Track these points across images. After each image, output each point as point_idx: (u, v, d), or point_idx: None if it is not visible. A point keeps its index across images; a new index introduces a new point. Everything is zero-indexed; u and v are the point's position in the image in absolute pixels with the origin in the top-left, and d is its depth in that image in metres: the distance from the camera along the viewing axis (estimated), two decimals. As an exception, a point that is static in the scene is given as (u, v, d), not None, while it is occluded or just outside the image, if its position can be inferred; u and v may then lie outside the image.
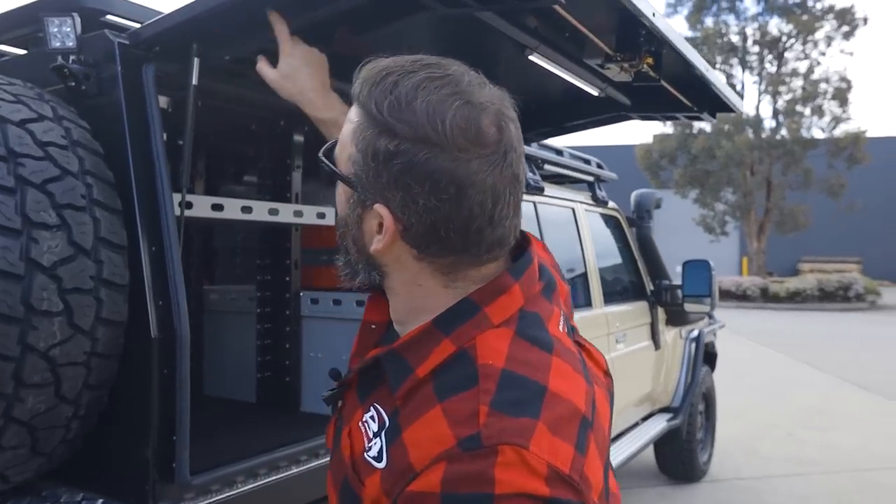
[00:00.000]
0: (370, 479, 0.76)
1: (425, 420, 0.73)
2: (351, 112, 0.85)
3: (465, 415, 0.71)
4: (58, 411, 1.35)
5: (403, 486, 0.70)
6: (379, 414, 0.81)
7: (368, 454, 0.79)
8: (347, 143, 0.82)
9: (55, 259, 1.28)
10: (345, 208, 0.86)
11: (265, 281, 2.40)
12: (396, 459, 0.73)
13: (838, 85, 23.01)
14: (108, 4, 1.62)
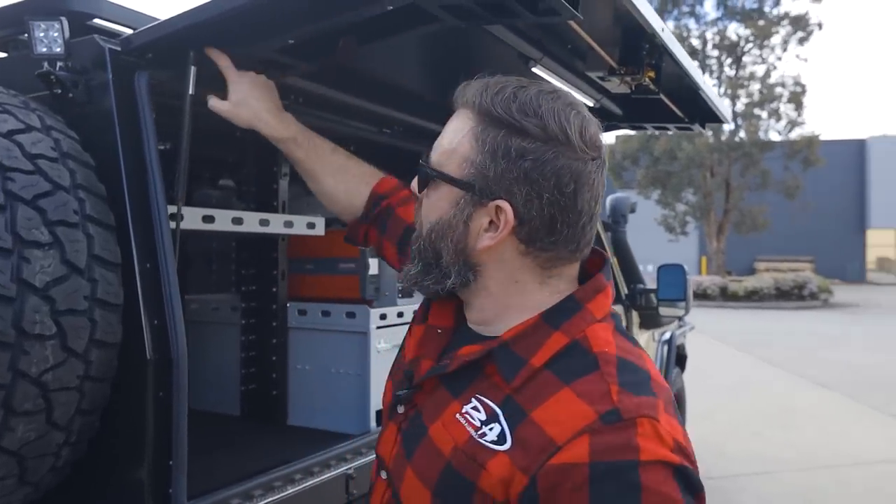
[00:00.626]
0: (494, 461, 0.81)
1: (556, 400, 0.81)
2: (458, 121, 0.95)
3: (598, 394, 0.80)
4: (48, 439, 1.28)
5: (545, 459, 0.77)
6: (484, 404, 0.86)
7: (484, 439, 0.83)
8: (461, 147, 0.92)
9: (48, 279, 1.21)
10: (448, 211, 0.93)
11: (250, 291, 2.34)
12: (530, 438, 0.80)
13: (793, 89, 23.65)
14: (95, 8, 1.54)
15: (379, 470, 1.04)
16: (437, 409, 0.91)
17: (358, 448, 1.96)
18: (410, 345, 1.06)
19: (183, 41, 1.40)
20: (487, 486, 0.81)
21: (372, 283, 2.50)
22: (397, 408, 1.00)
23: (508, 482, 0.79)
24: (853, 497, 5.04)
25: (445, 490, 0.86)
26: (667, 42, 1.52)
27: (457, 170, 0.93)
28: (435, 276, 0.96)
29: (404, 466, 0.93)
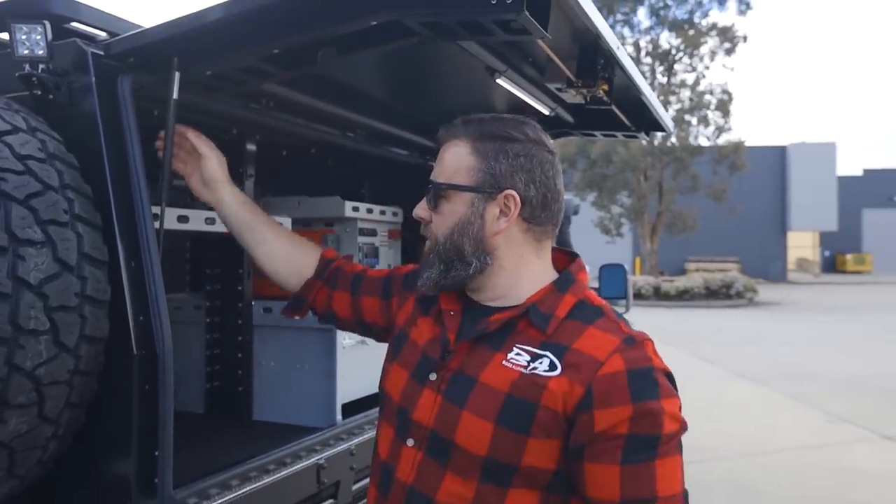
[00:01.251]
0: (553, 382, 1.10)
1: (589, 335, 1.13)
2: (452, 149, 1.26)
3: (614, 329, 1.15)
4: (38, 432, 1.31)
5: (595, 371, 1.09)
6: (525, 350, 1.15)
7: (536, 371, 1.11)
8: (465, 162, 1.23)
9: (41, 276, 1.25)
10: (465, 213, 1.22)
11: (215, 290, 2.37)
12: (578, 361, 1.10)
13: (721, 97, 24.68)
14: (75, 11, 1.57)
15: (404, 438, 1.22)
16: (482, 363, 1.16)
17: (327, 440, 2.04)
18: (424, 330, 1.29)
19: (168, 48, 1.44)
20: (550, 402, 1.10)
21: (334, 281, 2.57)
22: (430, 376, 1.21)
23: (567, 394, 1.09)
24: (777, 480, 5.37)
25: (508, 416, 1.11)
26: (620, 58, 1.66)
27: (466, 179, 1.23)
28: (458, 270, 1.22)
29: (457, 413, 1.15)
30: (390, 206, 2.80)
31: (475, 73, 1.84)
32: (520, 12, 1.18)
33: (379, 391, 1.36)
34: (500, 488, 1.11)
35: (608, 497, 1.08)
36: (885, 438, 6.54)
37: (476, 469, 1.12)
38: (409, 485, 1.18)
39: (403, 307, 1.42)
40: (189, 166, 1.59)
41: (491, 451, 1.11)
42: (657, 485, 1.06)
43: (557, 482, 1.12)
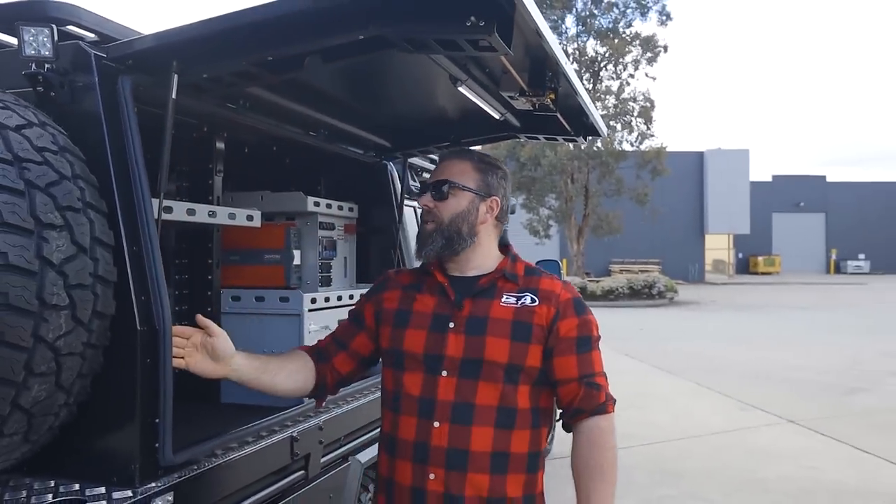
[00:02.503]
0: (538, 309, 1.67)
1: (543, 282, 1.72)
2: (458, 163, 1.78)
3: (554, 277, 1.75)
4: (54, 399, 1.44)
5: (557, 299, 1.68)
6: (511, 295, 1.69)
7: (524, 304, 1.67)
8: (469, 172, 1.75)
9: (62, 257, 1.38)
10: (466, 206, 1.73)
11: (184, 280, 2.49)
12: (547, 295, 1.68)
13: (643, 104, 25.68)
14: (75, 15, 1.69)
15: (438, 373, 1.65)
16: (486, 307, 1.69)
17: (298, 416, 2.20)
18: (427, 301, 1.74)
19: (169, 53, 1.59)
20: (538, 320, 1.66)
21: (296, 272, 2.73)
22: (449, 325, 1.67)
23: (547, 314, 1.67)
24: (694, 462, 5.80)
25: (517, 333, 1.65)
26: (567, 70, 1.90)
27: (471, 184, 1.75)
28: (455, 244, 1.72)
29: (482, 340, 1.65)
30: (346, 202, 2.97)
31: (432, 80, 2.05)
32: (490, 33, 1.41)
33: (393, 356, 1.74)
34: (514, 385, 1.64)
35: (571, 376, 1.67)
36: (789, 422, 7.12)
37: (500, 374, 1.63)
38: (452, 401, 1.63)
39: (384, 302, 1.81)
40: (192, 356, 1.66)
41: (510, 358, 1.64)
42: (595, 365, 1.69)
43: (539, 378, 1.68)
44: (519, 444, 1.65)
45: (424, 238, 1.74)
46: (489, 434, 1.62)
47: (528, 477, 1.67)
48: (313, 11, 1.45)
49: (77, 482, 1.56)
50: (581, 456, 1.66)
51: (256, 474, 1.95)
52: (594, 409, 1.66)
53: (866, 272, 44.75)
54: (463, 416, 1.62)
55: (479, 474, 1.61)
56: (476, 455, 1.61)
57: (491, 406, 1.62)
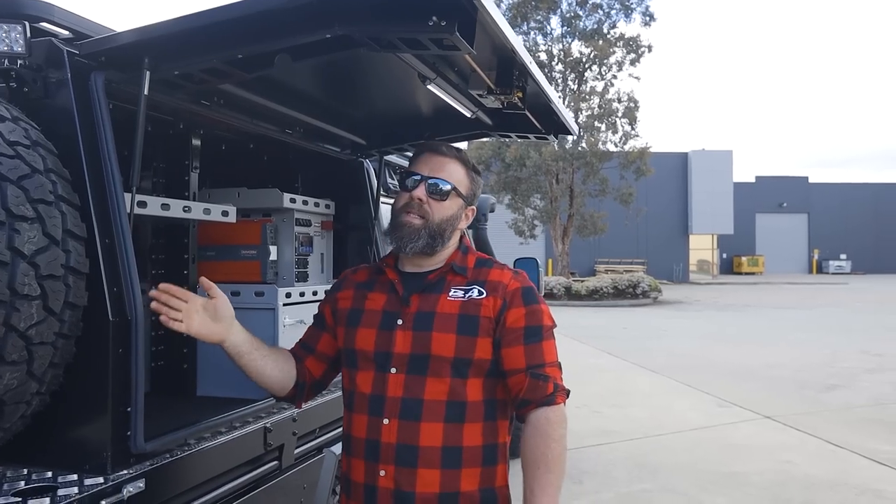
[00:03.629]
0: (485, 300, 1.68)
1: (492, 273, 1.73)
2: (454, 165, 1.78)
3: (504, 268, 1.77)
4: (26, 387, 1.47)
5: (505, 290, 1.69)
6: (459, 287, 1.71)
7: (471, 297, 1.68)
8: (464, 180, 1.78)
9: (34, 248, 1.41)
10: (455, 210, 1.76)
11: (160, 274, 2.52)
12: (494, 286, 1.70)
13: (628, 105, 25.85)
14: (47, 12, 1.72)
15: (387, 370, 1.65)
16: (433, 302, 1.69)
17: (272, 407, 2.24)
18: (377, 299, 1.75)
19: (140, 49, 1.63)
20: (485, 312, 1.66)
21: (272, 267, 2.77)
22: (397, 322, 1.68)
23: (493, 305, 1.67)
24: (672, 456, 5.89)
25: (463, 327, 1.65)
26: (533, 71, 1.96)
27: (464, 191, 1.79)
28: (437, 243, 1.73)
29: (428, 335, 1.65)
30: (323, 199, 3.01)
31: (406, 79, 2.10)
32: (452, 33, 1.46)
33: (347, 355, 1.76)
34: (462, 379, 1.64)
35: (518, 367, 1.66)
36: (766, 418, 7.23)
37: (447, 369, 1.63)
38: (401, 397, 1.64)
39: (339, 304, 1.83)
40: (191, 318, 1.66)
41: (456, 352, 1.64)
42: (544, 356, 1.67)
43: (491, 369, 1.67)
44: (472, 437, 1.64)
45: (409, 232, 1.71)
46: (438, 429, 1.61)
47: (486, 470, 1.66)
48: (280, 11, 1.49)
49: (49, 470, 1.60)
50: (528, 447, 1.63)
51: (229, 464, 1.99)
52: (541, 400, 1.64)
53: (848, 272, 45.33)
54: (411, 412, 1.62)
55: (430, 469, 1.60)
56: (426, 450, 1.61)
57: (439, 401, 1.62)
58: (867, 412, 7.50)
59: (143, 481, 1.63)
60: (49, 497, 1.46)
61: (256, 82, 2.23)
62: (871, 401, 8.06)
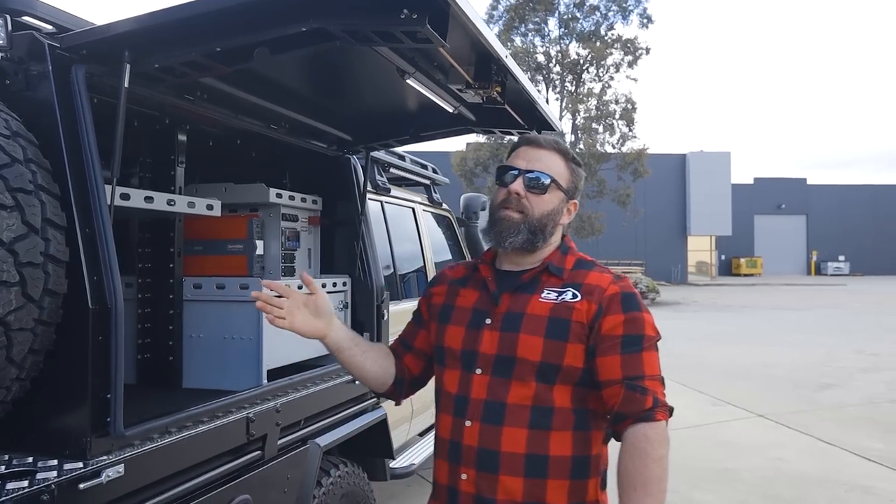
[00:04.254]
0: (578, 304, 1.58)
1: (592, 276, 1.63)
2: (554, 157, 1.70)
3: (606, 271, 1.66)
4: (5, 373, 1.50)
5: (602, 294, 1.59)
6: (552, 290, 1.63)
7: (564, 300, 1.60)
8: (563, 172, 1.70)
9: (12, 236, 1.45)
10: (556, 204, 1.68)
11: (146, 268, 2.55)
12: (590, 290, 1.60)
13: (625, 106, 25.89)
14: (29, 6, 1.75)
15: (472, 370, 1.61)
16: (524, 303, 1.62)
17: (255, 398, 2.27)
18: (468, 296, 1.71)
19: (120, 43, 1.66)
20: (577, 317, 1.57)
21: (258, 262, 2.80)
22: (485, 321, 1.63)
23: (588, 311, 1.57)
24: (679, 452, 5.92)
25: (552, 331, 1.57)
26: (509, 65, 1.99)
27: (564, 184, 1.71)
28: (538, 239, 1.66)
29: (515, 337, 1.58)
30: (311, 195, 3.04)
31: (389, 75, 2.13)
32: (423, 25, 1.49)
33: (437, 352, 1.73)
34: (549, 385, 1.56)
35: (614, 377, 1.53)
36: (758, 416, 7.26)
37: (532, 374, 1.56)
38: (484, 399, 1.58)
39: (433, 299, 1.81)
40: (293, 315, 1.68)
41: (543, 356, 1.56)
42: (644, 368, 1.54)
43: (583, 378, 1.57)
44: (560, 446, 1.54)
45: (508, 227, 1.65)
46: (522, 435, 1.53)
47: (575, 483, 1.55)
48: (255, 4, 1.52)
49: (30, 455, 1.63)
50: (624, 466, 1.49)
51: (211, 452, 2.02)
52: (638, 414, 1.49)
53: (846, 274, 45.35)
54: (494, 415, 1.55)
55: (512, 477, 1.53)
56: (507, 456, 1.53)
57: (523, 406, 1.54)
58: (860, 411, 7.53)
59: (122, 467, 1.66)
60: (28, 480, 1.49)
61: (242, 78, 2.26)
62: (864, 400, 8.10)
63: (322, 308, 1.71)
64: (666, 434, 1.52)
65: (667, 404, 1.53)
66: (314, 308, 1.70)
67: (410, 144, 3.21)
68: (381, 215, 3.88)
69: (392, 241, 3.96)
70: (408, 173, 4.45)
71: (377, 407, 3.11)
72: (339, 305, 3.04)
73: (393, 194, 4.06)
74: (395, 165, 4.14)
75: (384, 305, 3.17)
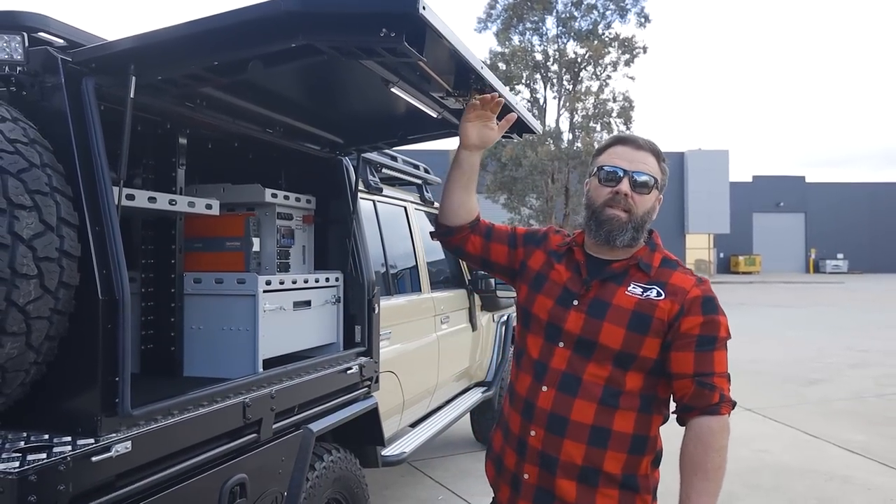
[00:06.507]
0: (661, 302, 1.74)
1: (676, 276, 1.78)
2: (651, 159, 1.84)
3: (689, 273, 1.80)
4: (25, 357, 1.66)
5: (685, 296, 1.73)
6: (638, 285, 1.78)
7: (649, 296, 1.75)
8: (658, 172, 1.84)
9: (31, 233, 1.61)
10: (653, 203, 1.84)
11: (149, 264, 2.72)
12: (674, 290, 1.75)
13: (623, 104, 26.01)
14: (44, 24, 1.91)
15: (555, 342, 1.79)
16: (612, 293, 1.78)
17: (251, 385, 2.43)
18: (562, 273, 1.88)
19: (126, 57, 1.82)
20: (660, 315, 1.73)
21: (255, 258, 2.96)
22: (573, 302, 1.80)
23: (670, 309, 1.73)
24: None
25: (634, 324, 1.73)
26: (485, 75, 2.15)
27: (660, 182, 1.85)
28: (638, 236, 1.82)
29: (599, 324, 1.75)
30: (305, 195, 3.21)
31: (376, 83, 2.28)
32: (400, 42, 1.65)
33: (523, 314, 1.92)
34: (623, 370, 1.74)
35: (686, 372, 1.71)
36: (746, 410, 7.42)
37: (610, 359, 1.74)
38: (563, 370, 1.77)
39: (532, 256, 1.97)
40: (481, 121, 1.98)
41: (623, 346, 1.73)
42: (714, 366, 1.70)
43: (654, 368, 1.75)
44: (623, 423, 1.72)
45: (618, 226, 1.80)
46: (591, 408, 1.71)
47: (631, 457, 1.74)
48: (248, 23, 1.68)
49: (46, 433, 1.79)
50: (687, 453, 1.69)
51: (209, 433, 2.18)
52: (705, 408, 1.68)
53: (844, 272, 45.52)
54: (569, 386, 1.73)
55: (576, 443, 1.71)
56: (575, 424, 1.72)
57: (597, 384, 1.72)
58: (846, 405, 7.70)
59: (129, 443, 1.82)
60: (45, 453, 1.65)
61: (240, 87, 2.42)
62: (851, 394, 8.26)
63: (487, 138, 2.00)
64: (728, 426, 1.71)
65: (731, 399, 1.72)
66: (485, 134, 2.01)
67: (400, 146, 3.37)
68: (374, 214, 4.04)
69: (384, 239, 4.12)
70: (400, 173, 4.60)
71: (369, 396, 3.27)
72: (332, 300, 3.21)
73: (385, 194, 4.22)
74: (388, 166, 4.30)
75: (375, 300, 3.33)
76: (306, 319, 3.01)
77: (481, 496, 4.69)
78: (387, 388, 3.56)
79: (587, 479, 1.73)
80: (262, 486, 2.42)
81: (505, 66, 25.59)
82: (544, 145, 24.44)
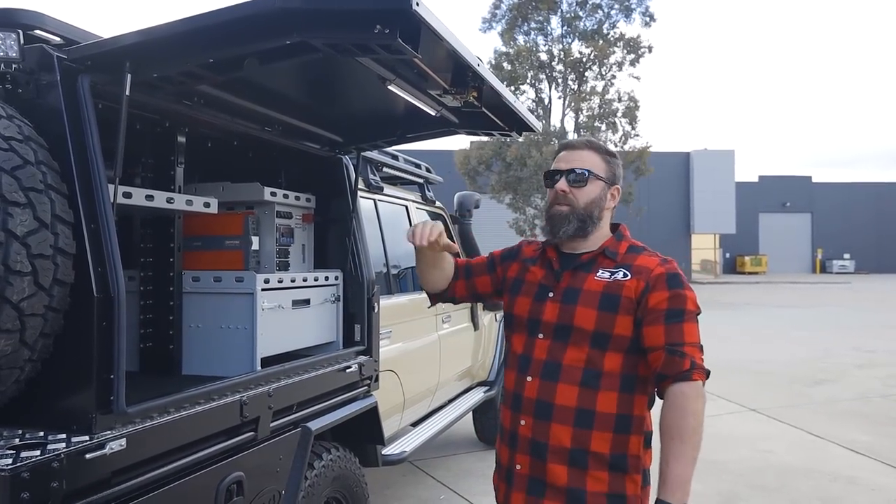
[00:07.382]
0: (628, 283, 1.84)
1: (642, 258, 1.88)
2: (586, 153, 1.97)
3: (654, 255, 1.90)
4: (19, 354, 1.66)
5: (649, 273, 1.83)
6: (606, 269, 1.88)
7: (616, 278, 1.85)
8: (599, 163, 1.95)
9: (25, 230, 1.61)
10: (598, 193, 1.94)
11: (148, 262, 2.72)
12: (639, 270, 1.85)
13: (628, 104, 25.95)
14: (40, 21, 1.92)
15: (535, 335, 1.90)
16: (582, 280, 1.90)
17: (248, 383, 2.43)
18: (537, 272, 1.99)
19: (122, 55, 1.82)
20: (627, 293, 1.82)
21: (254, 257, 2.96)
22: (548, 294, 1.92)
23: (636, 287, 1.82)
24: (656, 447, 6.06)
25: (605, 304, 1.83)
26: (482, 73, 2.14)
27: (602, 173, 1.95)
28: (587, 226, 1.93)
29: (573, 308, 1.86)
30: (304, 193, 3.20)
31: (374, 81, 2.28)
32: (395, 39, 1.65)
33: (508, 318, 2.03)
34: (601, 351, 1.82)
35: (657, 344, 1.78)
36: (751, 411, 7.40)
37: (586, 341, 1.83)
38: (544, 359, 1.87)
39: (510, 268, 2.10)
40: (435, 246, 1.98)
41: (596, 326, 1.83)
42: (685, 336, 1.79)
43: (631, 346, 1.82)
44: (605, 404, 1.81)
45: (559, 220, 1.93)
46: (574, 391, 1.81)
47: (617, 437, 1.81)
48: (243, 20, 1.68)
49: (41, 430, 1.79)
50: (665, 419, 1.75)
51: (206, 431, 2.18)
52: (677, 375, 1.74)
53: (851, 272, 45.28)
54: (551, 373, 1.84)
55: (562, 426, 1.81)
56: (560, 408, 1.82)
57: (577, 367, 1.82)
58: (851, 405, 7.65)
59: (124, 440, 1.82)
60: (40, 450, 1.65)
61: (238, 84, 2.42)
62: (857, 395, 8.22)
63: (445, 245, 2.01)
64: (702, 392, 1.77)
65: (703, 367, 1.78)
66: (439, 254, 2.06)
67: (400, 145, 3.36)
68: (374, 213, 4.04)
69: (385, 238, 4.11)
70: (401, 172, 4.60)
71: (368, 395, 3.27)
72: (332, 298, 3.20)
73: (386, 192, 4.21)
74: (389, 165, 4.29)
75: (375, 299, 3.33)
76: (305, 318, 3.01)
77: (483, 496, 4.68)
78: (387, 387, 3.55)
79: (577, 461, 1.81)
80: (259, 485, 2.42)
81: (510, 66, 25.56)
82: (549, 145, 24.39)
